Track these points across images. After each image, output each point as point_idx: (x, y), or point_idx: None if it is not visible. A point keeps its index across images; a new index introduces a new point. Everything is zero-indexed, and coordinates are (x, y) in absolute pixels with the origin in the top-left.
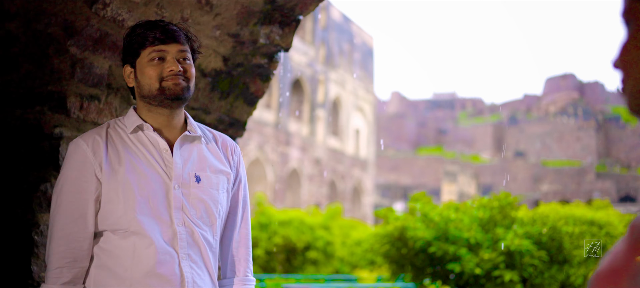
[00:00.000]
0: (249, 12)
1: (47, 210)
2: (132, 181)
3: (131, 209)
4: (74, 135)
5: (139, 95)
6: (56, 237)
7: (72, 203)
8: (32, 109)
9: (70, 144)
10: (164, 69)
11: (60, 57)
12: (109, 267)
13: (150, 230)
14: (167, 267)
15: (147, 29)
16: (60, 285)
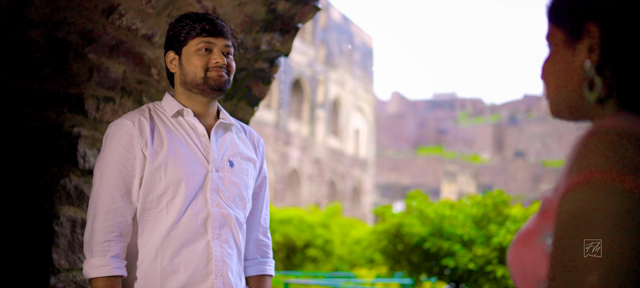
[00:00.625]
0: (252, 21)
1: (67, 203)
2: (174, 161)
3: (171, 190)
4: (91, 135)
5: (181, 82)
6: (102, 212)
7: (119, 179)
8: (53, 110)
9: (113, 125)
10: (210, 60)
11: (78, 62)
12: (144, 243)
13: (185, 210)
14: (197, 246)
15: (197, 20)
16: (109, 258)
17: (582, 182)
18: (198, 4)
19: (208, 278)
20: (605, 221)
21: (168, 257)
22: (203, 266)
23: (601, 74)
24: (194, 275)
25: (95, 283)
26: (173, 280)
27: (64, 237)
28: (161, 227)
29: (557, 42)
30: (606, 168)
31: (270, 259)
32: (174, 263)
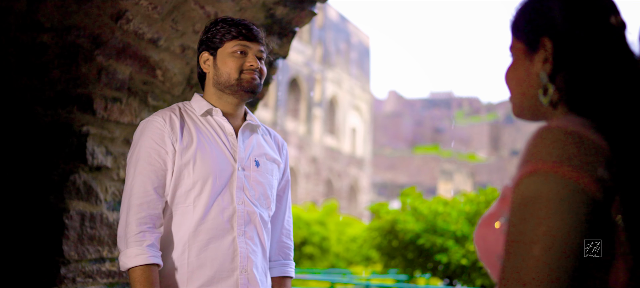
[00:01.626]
0: None
1: (76, 198)
2: (202, 158)
3: (198, 185)
4: (99, 133)
5: (214, 82)
6: (136, 204)
7: (152, 173)
8: (63, 109)
9: (144, 122)
10: (245, 63)
11: (87, 64)
12: (171, 238)
13: (213, 206)
14: (224, 241)
15: (234, 24)
16: (146, 247)
17: (531, 171)
18: (201, 10)
19: (233, 274)
20: (548, 203)
21: (195, 252)
22: (228, 262)
23: (553, 81)
24: (219, 270)
25: (133, 272)
26: (199, 275)
27: (74, 229)
28: (188, 222)
29: (518, 53)
30: (550, 161)
31: (291, 261)
32: (200, 258)
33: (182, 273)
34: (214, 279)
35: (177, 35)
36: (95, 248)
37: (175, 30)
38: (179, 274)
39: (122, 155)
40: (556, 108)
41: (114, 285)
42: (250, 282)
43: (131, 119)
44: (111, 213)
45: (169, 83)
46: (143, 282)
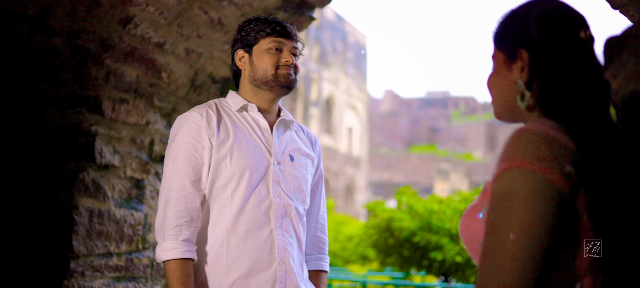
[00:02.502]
0: None
1: (85, 195)
2: (238, 152)
3: (236, 179)
4: (107, 133)
5: (250, 79)
6: (174, 198)
7: (189, 167)
8: (72, 110)
9: (181, 117)
10: (280, 59)
11: (96, 67)
12: (209, 230)
13: (250, 199)
14: (262, 233)
15: (268, 22)
16: (181, 241)
17: (508, 168)
18: (205, 15)
19: (271, 266)
20: (521, 196)
21: (233, 244)
22: (266, 254)
23: (529, 88)
24: (258, 262)
25: (168, 265)
26: (238, 266)
27: (83, 225)
28: (227, 215)
29: (499, 62)
30: (524, 159)
31: (325, 255)
32: (239, 249)
33: (221, 265)
34: (252, 271)
35: (182, 39)
36: (103, 243)
37: (181, 35)
38: (218, 266)
39: (129, 155)
40: (532, 111)
41: (120, 279)
42: (288, 273)
43: (137, 120)
44: (118, 210)
45: (174, 85)
46: (177, 275)
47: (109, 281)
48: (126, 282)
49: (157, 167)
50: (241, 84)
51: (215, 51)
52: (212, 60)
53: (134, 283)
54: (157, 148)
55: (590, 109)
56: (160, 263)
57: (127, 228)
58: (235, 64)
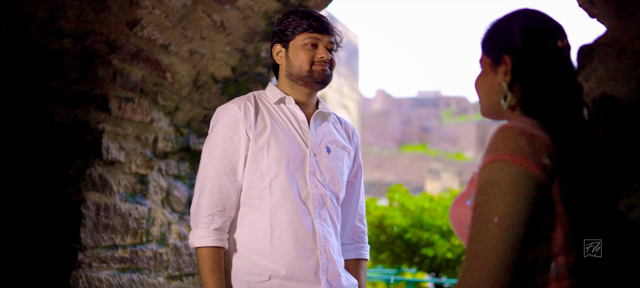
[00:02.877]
0: (253, 32)
1: (92, 190)
2: (276, 143)
3: (274, 169)
4: (113, 130)
5: (287, 73)
6: (209, 188)
7: (225, 158)
8: (80, 108)
9: (220, 109)
10: (316, 55)
11: (104, 67)
12: (248, 221)
13: (289, 189)
14: (303, 221)
15: (305, 17)
16: (212, 230)
17: (492, 160)
18: (208, 18)
19: (314, 254)
20: (503, 184)
21: (277, 233)
22: (309, 242)
23: (512, 90)
24: (301, 250)
25: (199, 251)
26: (282, 255)
27: (90, 218)
28: (266, 205)
29: (485, 66)
30: (506, 152)
31: (366, 244)
32: (282, 238)
33: (265, 254)
34: (296, 259)
35: (186, 41)
36: (109, 236)
37: (185, 37)
38: (262, 254)
39: (134, 151)
40: (514, 111)
41: (125, 271)
42: (330, 262)
43: (142, 118)
44: (123, 204)
45: (178, 84)
46: (207, 261)
47: (115, 272)
48: (131, 273)
49: (161, 163)
50: (280, 77)
51: (217, 52)
52: (214, 61)
53: (138, 275)
54: (161, 145)
55: (565, 109)
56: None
57: (131, 222)
58: (273, 58)
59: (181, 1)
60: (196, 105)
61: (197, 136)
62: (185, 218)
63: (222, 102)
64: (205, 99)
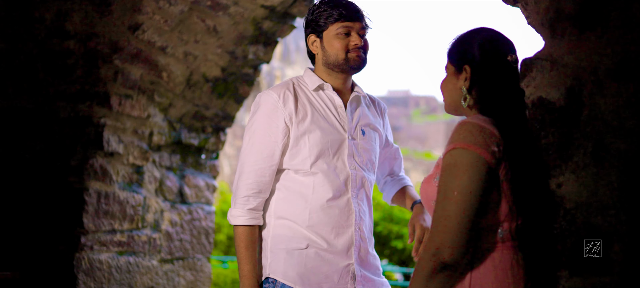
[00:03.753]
0: (242, 36)
1: (94, 179)
2: (316, 130)
3: (314, 154)
4: (113, 124)
5: (324, 62)
6: (247, 171)
7: (263, 144)
8: (83, 104)
9: (261, 95)
10: (350, 42)
11: (106, 66)
12: (290, 200)
13: (328, 171)
14: (340, 201)
15: (335, 6)
16: (247, 210)
17: (453, 148)
18: (202, 23)
19: (348, 230)
20: (462, 166)
21: (316, 210)
22: (345, 219)
23: (470, 93)
24: (337, 227)
25: (236, 229)
26: (319, 229)
27: (92, 205)
28: (309, 185)
29: (450, 72)
30: (464, 141)
31: (406, 176)
32: (320, 215)
33: (304, 227)
34: (332, 234)
35: (181, 43)
36: (108, 221)
37: (181, 40)
38: (301, 228)
39: (131, 144)
40: (471, 109)
41: (123, 253)
42: (362, 240)
43: (140, 113)
44: (121, 193)
45: (172, 83)
46: (243, 238)
47: (114, 254)
48: (128, 256)
49: (155, 155)
50: (316, 64)
51: (209, 54)
52: (206, 62)
53: (134, 257)
54: (156, 139)
55: (510, 109)
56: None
57: (129, 209)
58: (308, 47)
59: (179, 8)
60: (188, 102)
61: (188, 131)
62: (176, 206)
63: (211, 100)
64: (196, 97)
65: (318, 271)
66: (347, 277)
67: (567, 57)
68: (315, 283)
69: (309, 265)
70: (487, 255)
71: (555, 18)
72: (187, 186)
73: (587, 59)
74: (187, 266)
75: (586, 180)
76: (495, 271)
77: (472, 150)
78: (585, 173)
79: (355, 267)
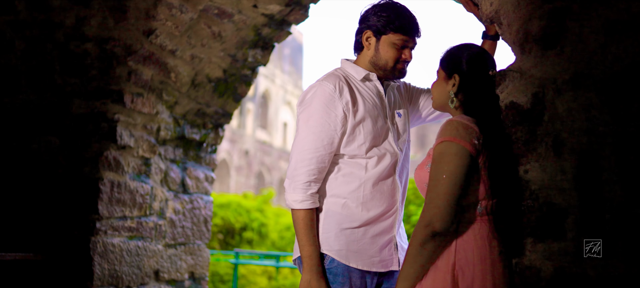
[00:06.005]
0: (244, 41)
1: (108, 169)
2: (368, 118)
3: (369, 140)
4: (126, 120)
5: (371, 60)
6: (307, 158)
7: (322, 132)
8: (98, 101)
9: (316, 87)
10: (402, 55)
11: (120, 67)
12: (345, 181)
13: (381, 155)
14: (388, 181)
15: (400, 16)
16: (309, 194)
17: (442, 141)
18: (208, 29)
19: (394, 207)
20: (450, 155)
21: (368, 189)
22: (391, 197)
23: (457, 97)
24: (387, 205)
25: (297, 213)
26: (372, 205)
27: (106, 194)
28: (362, 168)
29: (441, 76)
30: (451, 136)
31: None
32: (372, 192)
33: (358, 204)
34: (383, 212)
35: (189, 47)
36: (120, 208)
37: (189, 44)
38: (356, 204)
39: (141, 138)
40: (457, 110)
41: (133, 238)
42: (400, 215)
43: (149, 110)
44: (132, 182)
45: (179, 83)
46: (306, 221)
47: (125, 239)
48: (137, 241)
49: (161, 149)
50: (361, 57)
51: (213, 57)
52: (210, 64)
53: (142, 242)
54: (162, 134)
55: (488, 111)
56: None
57: (138, 197)
58: (360, 40)
59: (189, 15)
60: (192, 100)
61: (190, 127)
62: (178, 196)
63: (212, 99)
64: (199, 95)
65: (368, 247)
66: (392, 248)
67: (533, 70)
68: (366, 257)
69: (359, 242)
70: (469, 226)
71: (524, 39)
72: (188, 177)
73: (548, 72)
74: (188, 251)
75: (547, 168)
76: (475, 239)
77: (457, 143)
78: (546, 162)
79: (397, 238)
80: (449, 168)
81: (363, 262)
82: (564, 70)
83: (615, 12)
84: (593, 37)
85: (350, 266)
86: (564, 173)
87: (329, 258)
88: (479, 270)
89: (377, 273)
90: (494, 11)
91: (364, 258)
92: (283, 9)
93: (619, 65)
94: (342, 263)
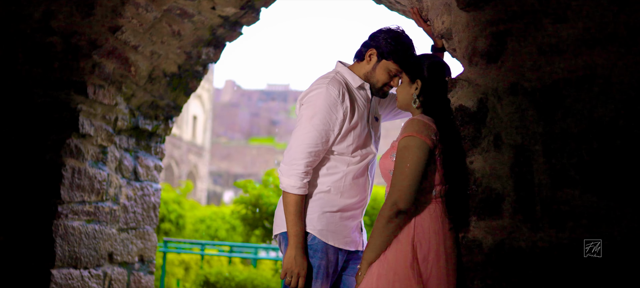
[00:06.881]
0: (200, 39)
1: (69, 156)
2: (360, 124)
3: (356, 143)
4: (88, 110)
5: (365, 74)
6: (307, 151)
7: (323, 130)
8: (62, 91)
9: (321, 88)
10: (391, 82)
11: (84, 60)
12: (329, 173)
13: (362, 154)
14: (362, 179)
15: (403, 50)
16: (304, 182)
17: (406, 136)
18: (169, 28)
19: (365, 200)
20: (412, 148)
21: (348, 181)
22: (364, 188)
23: (418, 99)
24: (360, 194)
25: (290, 196)
26: (348, 196)
27: (67, 179)
28: (346, 163)
29: (405, 80)
30: (413, 132)
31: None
32: (350, 184)
33: (338, 192)
34: (357, 204)
35: (150, 43)
36: (80, 193)
37: (150, 41)
38: (336, 192)
39: (100, 127)
40: (418, 109)
41: (90, 222)
42: (367, 203)
43: (109, 101)
44: (91, 169)
45: (138, 77)
46: (298, 204)
47: (83, 222)
48: (94, 224)
49: (117, 138)
50: (359, 67)
51: (170, 54)
52: (167, 60)
53: (98, 225)
54: (119, 124)
55: (442, 112)
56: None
57: (96, 184)
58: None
59: (153, 14)
60: (147, 93)
61: (144, 118)
62: (131, 183)
63: (166, 92)
64: (155, 89)
65: (342, 228)
66: (358, 230)
67: (478, 79)
68: (340, 237)
69: (337, 224)
70: (425, 206)
71: (472, 53)
72: (140, 166)
73: (491, 81)
74: (139, 235)
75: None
76: (431, 217)
77: (419, 137)
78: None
79: (361, 222)
80: (411, 159)
81: (338, 241)
82: (504, 81)
83: (547, 36)
84: (528, 55)
85: (328, 243)
86: (502, 164)
87: (311, 236)
88: (433, 242)
89: (347, 252)
90: (446, 29)
91: (339, 238)
92: (237, 11)
93: (549, 78)
94: (322, 241)
